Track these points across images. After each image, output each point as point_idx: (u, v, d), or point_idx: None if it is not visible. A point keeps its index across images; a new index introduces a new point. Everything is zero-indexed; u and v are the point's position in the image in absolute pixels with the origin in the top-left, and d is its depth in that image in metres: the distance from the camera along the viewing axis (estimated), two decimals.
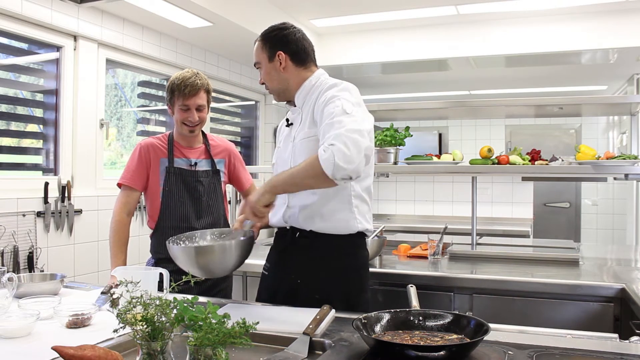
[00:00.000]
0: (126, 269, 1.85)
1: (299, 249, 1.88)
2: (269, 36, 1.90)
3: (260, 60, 1.91)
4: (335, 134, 1.59)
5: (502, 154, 2.94)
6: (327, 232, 1.85)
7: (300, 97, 1.91)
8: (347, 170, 1.55)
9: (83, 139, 3.54)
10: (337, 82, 1.83)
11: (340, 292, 1.84)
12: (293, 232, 1.90)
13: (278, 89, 1.93)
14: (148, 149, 2.34)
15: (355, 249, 1.91)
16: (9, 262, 2.93)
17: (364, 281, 1.95)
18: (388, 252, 3.07)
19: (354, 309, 1.76)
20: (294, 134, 1.91)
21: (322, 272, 1.85)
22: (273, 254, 2.02)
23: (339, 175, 1.56)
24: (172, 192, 2.30)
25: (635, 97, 4.56)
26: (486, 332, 1.25)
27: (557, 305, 2.26)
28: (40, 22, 3.22)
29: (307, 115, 1.86)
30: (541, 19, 4.71)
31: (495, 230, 4.36)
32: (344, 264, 1.87)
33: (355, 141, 1.57)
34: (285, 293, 1.89)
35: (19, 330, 1.43)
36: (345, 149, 1.55)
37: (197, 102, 2.27)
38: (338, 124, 1.62)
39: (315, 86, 1.89)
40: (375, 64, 5.55)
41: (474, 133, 7.79)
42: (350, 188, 1.84)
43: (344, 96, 1.73)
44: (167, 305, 1.06)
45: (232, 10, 3.98)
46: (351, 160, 1.55)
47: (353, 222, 1.86)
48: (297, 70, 1.91)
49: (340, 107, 1.68)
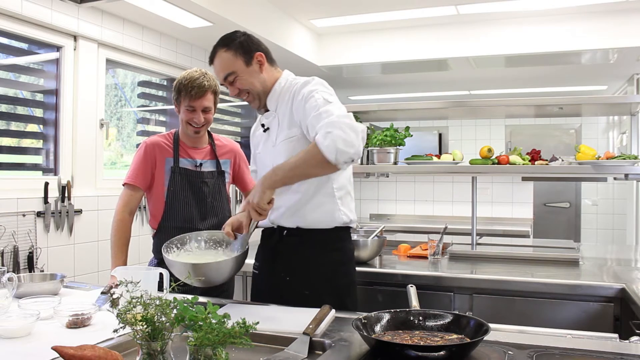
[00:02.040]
0: (126, 269, 1.85)
1: (287, 246, 1.92)
2: (238, 42, 1.88)
3: (235, 69, 1.87)
4: (327, 122, 1.64)
5: (502, 154, 2.94)
6: (314, 226, 1.88)
7: (273, 100, 1.94)
8: (350, 154, 1.60)
9: (83, 139, 3.54)
10: (308, 79, 1.87)
11: (329, 287, 1.88)
12: (280, 230, 1.93)
13: (259, 92, 1.92)
14: (154, 148, 2.31)
15: (341, 243, 1.96)
16: (9, 262, 2.93)
17: (352, 275, 1.99)
18: (388, 252, 3.07)
19: (343, 303, 1.81)
20: (273, 137, 1.92)
21: (310, 268, 1.88)
22: (262, 253, 2.05)
23: (342, 159, 1.60)
24: (176, 192, 2.29)
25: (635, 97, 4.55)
26: (486, 332, 1.25)
27: (557, 305, 2.26)
28: (40, 22, 3.22)
29: (284, 117, 1.88)
30: (541, 19, 4.72)
31: (495, 230, 4.36)
32: (331, 259, 1.91)
33: (350, 125, 1.62)
34: (275, 291, 1.92)
35: (19, 330, 1.43)
36: (344, 134, 1.60)
37: (203, 103, 2.25)
38: (326, 114, 1.68)
39: (285, 88, 1.92)
40: (375, 64, 5.55)
41: (474, 133, 7.79)
42: (332, 181, 1.88)
43: (320, 89, 1.80)
44: (167, 305, 1.06)
45: (232, 10, 3.98)
46: (352, 144, 1.60)
47: (338, 213, 1.89)
48: (271, 71, 1.95)
49: (321, 98, 1.74)
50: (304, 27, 5.14)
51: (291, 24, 4.90)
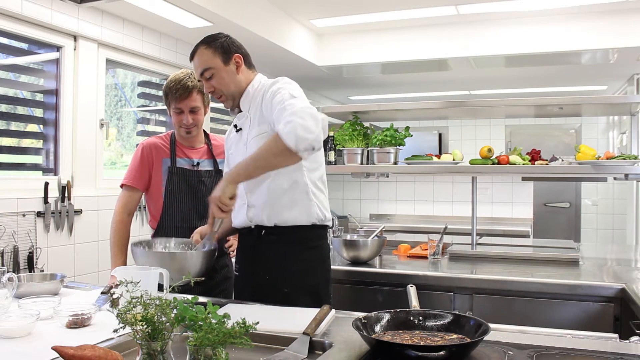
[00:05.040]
0: (126, 269, 1.85)
1: (266, 245, 1.94)
2: (219, 42, 1.94)
3: (212, 65, 1.92)
4: (290, 112, 1.69)
5: (502, 154, 2.94)
6: (291, 223, 1.91)
7: (246, 102, 1.98)
8: (309, 140, 1.63)
9: (83, 139, 3.54)
10: (278, 78, 1.92)
11: (308, 285, 1.92)
12: (259, 230, 1.95)
13: (233, 93, 1.97)
14: (150, 149, 2.33)
15: (320, 241, 2.00)
16: (9, 262, 2.93)
17: (328, 272, 2.04)
18: (388, 252, 3.07)
19: (321, 300, 1.85)
20: (245, 136, 1.96)
21: (289, 266, 1.91)
22: (240, 254, 2.08)
23: (302, 146, 1.64)
24: (174, 192, 2.30)
25: (635, 97, 4.56)
26: (486, 332, 1.25)
27: (557, 305, 2.26)
28: (40, 22, 3.22)
29: (255, 116, 1.93)
30: (541, 19, 4.71)
31: (495, 230, 4.36)
32: (309, 257, 1.95)
33: (311, 114, 1.67)
34: (255, 290, 1.95)
35: (19, 330, 1.43)
36: (303, 121, 1.64)
37: (189, 104, 2.25)
38: (290, 106, 1.73)
39: (258, 89, 1.97)
40: (375, 64, 5.55)
41: (474, 133, 7.80)
42: (305, 178, 1.92)
43: (287, 86, 1.85)
44: (167, 305, 1.06)
45: (232, 10, 3.98)
46: (311, 130, 1.64)
47: (315, 209, 1.93)
48: (247, 73, 2.00)
49: (288, 93, 1.80)
50: (304, 27, 5.14)
51: (291, 24, 4.90)
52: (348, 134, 3.14)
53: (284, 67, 5.15)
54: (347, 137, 3.14)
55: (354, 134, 3.14)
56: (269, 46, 4.59)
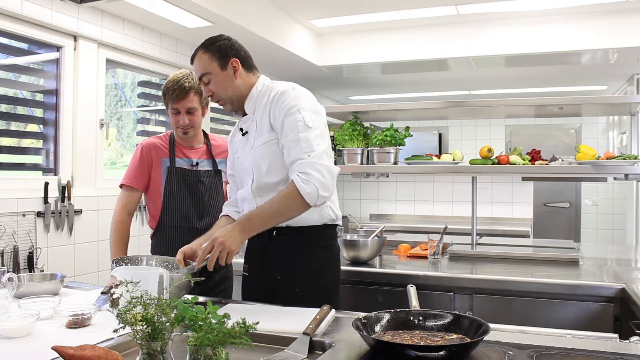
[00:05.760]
0: (126, 269, 1.85)
1: (277, 246, 1.94)
2: (217, 46, 1.92)
3: (210, 70, 1.91)
4: (307, 162, 1.73)
5: (502, 154, 2.94)
6: (303, 224, 1.90)
7: (250, 105, 1.96)
8: (326, 197, 1.75)
9: (83, 139, 3.54)
10: (286, 88, 1.88)
11: (319, 285, 1.92)
12: (269, 230, 1.92)
13: (232, 97, 1.95)
14: (149, 149, 2.33)
15: (330, 240, 2.01)
16: (9, 262, 2.93)
17: (338, 272, 2.05)
18: (388, 252, 3.07)
19: (331, 300, 1.84)
20: (252, 140, 1.94)
21: (301, 266, 1.91)
22: (250, 254, 2.06)
23: (319, 203, 1.75)
24: (173, 192, 2.30)
25: (635, 97, 4.55)
26: (486, 332, 1.25)
27: (557, 305, 2.26)
28: (40, 22, 3.22)
29: (262, 120, 1.91)
30: (541, 19, 4.71)
31: (495, 230, 4.36)
32: (321, 256, 1.96)
33: (328, 168, 1.75)
34: (266, 291, 1.95)
35: (19, 330, 1.43)
36: (323, 179, 1.72)
37: (186, 105, 2.24)
38: (306, 144, 1.76)
39: (262, 92, 1.95)
40: (375, 64, 5.55)
41: (474, 133, 7.79)
42: None
43: (301, 105, 1.83)
44: (167, 305, 1.06)
45: (232, 10, 3.98)
46: (328, 188, 1.74)
47: (326, 209, 1.94)
48: (247, 77, 1.96)
49: (302, 120, 1.79)
50: (304, 27, 5.14)
51: (291, 24, 4.90)
52: (348, 134, 3.14)
53: (284, 67, 5.15)
54: (347, 137, 3.14)
55: (354, 134, 3.14)
56: (269, 46, 4.59)
